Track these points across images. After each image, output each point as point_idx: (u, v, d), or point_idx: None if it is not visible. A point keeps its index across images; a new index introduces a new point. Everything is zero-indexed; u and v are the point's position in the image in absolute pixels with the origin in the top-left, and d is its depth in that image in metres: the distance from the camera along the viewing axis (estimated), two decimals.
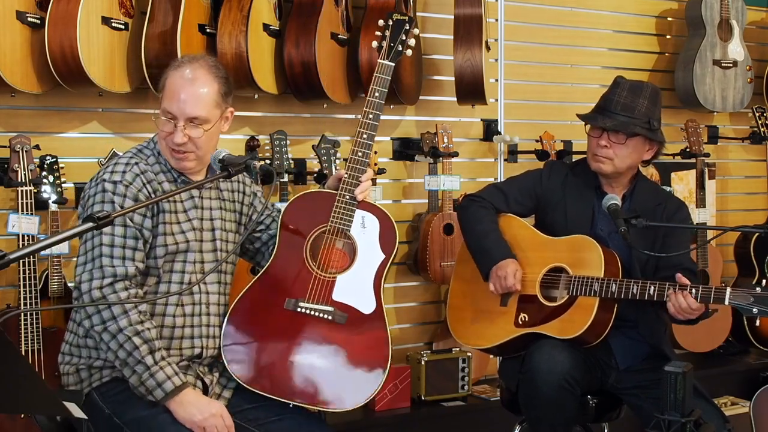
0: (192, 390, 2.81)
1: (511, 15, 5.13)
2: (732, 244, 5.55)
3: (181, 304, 2.90)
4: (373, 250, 3.10)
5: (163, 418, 2.77)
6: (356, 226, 3.08)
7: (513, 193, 3.63)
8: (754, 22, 5.85)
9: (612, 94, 3.48)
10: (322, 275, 3.06)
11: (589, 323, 3.31)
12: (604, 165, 3.48)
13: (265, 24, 4.09)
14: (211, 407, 2.80)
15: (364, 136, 3.17)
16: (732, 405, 5.08)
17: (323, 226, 3.08)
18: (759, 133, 5.53)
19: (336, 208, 3.07)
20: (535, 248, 3.53)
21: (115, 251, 2.78)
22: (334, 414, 4.33)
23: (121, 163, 2.88)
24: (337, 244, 3.08)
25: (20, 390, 2.10)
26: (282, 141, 4.19)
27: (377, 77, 3.21)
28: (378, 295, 3.08)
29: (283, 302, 3.04)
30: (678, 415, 2.88)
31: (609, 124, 3.43)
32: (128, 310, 2.75)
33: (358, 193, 3.07)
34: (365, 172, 3.11)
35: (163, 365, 2.77)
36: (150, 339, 2.77)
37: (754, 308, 3.12)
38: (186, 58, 2.95)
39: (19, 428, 3.64)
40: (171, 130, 2.86)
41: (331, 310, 3.03)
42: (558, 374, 3.25)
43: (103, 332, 2.74)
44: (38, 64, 3.66)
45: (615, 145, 3.44)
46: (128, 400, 2.80)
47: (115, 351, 2.75)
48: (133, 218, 2.81)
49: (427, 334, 4.92)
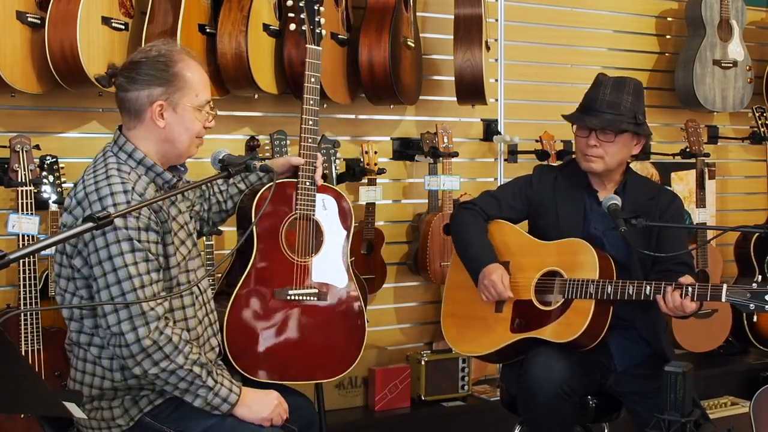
0: (247, 390, 2.82)
1: (511, 15, 5.13)
2: (732, 244, 5.54)
3: (195, 313, 2.86)
4: (336, 229, 3.36)
5: (231, 421, 2.77)
6: (319, 209, 3.30)
7: (506, 198, 3.63)
8: (754, 22, 5.85)
9: (596, 93, 3.47)
10: (300, 261, 3.27)
11: (585, 326, 3.31)
12: (595, 164, 3.48)
13: (265, 24, 4.09)
14: (270, 399, 2.84)
15: (310, 122, 3.34)
16: (732, 405, 5.08)
17: (292, 214, 3.26)
18: (759, 133, 5.52)
19: (300, 196, 3.26)
20: (528, 253, 3.53)
21: (146, 291, 2.67)
22: (334, 414, 4.35)
23: (118, 191, 2.68)
24: (306, 229, 3.28)
25: (20, 390, 2.10)
26: (282, 141, 4.19)
27: (310, 63, 3.42)
28: (347, 268, 3.38)
29: (273, 293, 3.24)
30: (678, 415, 2.88)
31: (597, 123, 3.43)
32: (177, 344, 2.69)
33: (317, 178, 3.27)
34: (317, 157, 3.29)
35: (221, 380, 2.76)
36: (204, 363, 2.73)
37: (750, 304, 3.12)
38: (181, 49, 2.86)
39: (19, 428, 3.64)
40: (209, 120, 2.85)
41: (315, 291, 3.29)
42: (554, 383, 3.24)
43: (161, 373, 2.67)
44: (38, 64, 3.66)
45: (604, 143, 3.44)
46: (188, 415, 2.77)
47: (175, 384, 2.70)
48: (151, 249, 2.70)
49: (427, 334, 4.92)
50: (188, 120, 2.79)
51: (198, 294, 2.89)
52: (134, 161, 2.78)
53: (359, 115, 4.71)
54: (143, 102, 2.76)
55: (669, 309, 3.25)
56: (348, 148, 4.60)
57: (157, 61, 2.77)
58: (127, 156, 2.78)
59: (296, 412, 3.05)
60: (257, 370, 3.15)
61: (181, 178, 2.91)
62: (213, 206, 3.23)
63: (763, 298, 3.10)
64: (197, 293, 2.88)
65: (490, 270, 3.45)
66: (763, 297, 3.10)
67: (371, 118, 4.74)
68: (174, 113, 2.78)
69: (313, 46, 3.44)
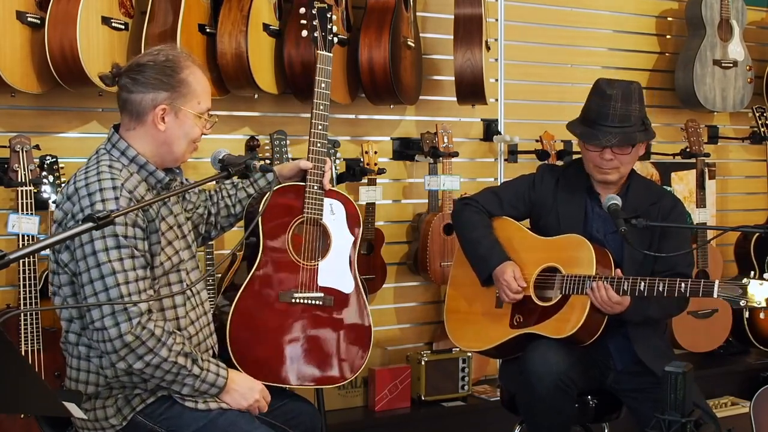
0: (233, 375, 2.85)
1: (511, 15, 5.13)
2: (732, 244, 5.54)
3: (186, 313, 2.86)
4: (343, 234, 3.34)
5: (223, 420, 2.78)
6: (326, 213, 3.29)
7: (508, 197, 3.64)
8: (754, 22, 5.85)
9: (606, 107, 3.42)
10: (307, 264, 3.25)
11: (582, 322, 3.32)
12: (611, 176, 3.48)
13: (265, 24, 4.09)
14: (252, 391, 2.86)
15: (319, 126, 3.34)
16: (732, 405, 5.08)
17: (299, 218, 3.24)
18: (759, 133, 5.52)
19: (307, 200, 3.26)
20: (528, 249, 3.53)
21: (131, 287, 2.67)
22: (335, 414, 4.35)
23: (107, 188, 2.68)
24: (313, 233, 3.27)
25: (20, 390, 2.10)
26: (282, 141, 4.19)
27: (321, 69, 3.41)
28: (354, 274, 3.35)
29: (278, 296, 3.22)
30: (678, 415, 2.87)
31: (615, 141, 3.40)
32: (160, 337, 2.68)
33: (325, 183, 3.26)
34: (326, 162, 3.29)
35: (207, 366, 2.77)
36: (189, 352, 2.74)
37: (741, 300, 3.15)
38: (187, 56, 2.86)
39: (19, 428, 3.64)
40: (207, 127, 2.86)
41: (321, 295, 3.26)
42: (554, 374, 3.26)
43: (146, 368, 2.67)
44: (38, 64, 3.66)
45: (620, 155, 3.44)
46: (181, 415, 2.77)
47: (161, 377, 2.71)
48: (137, 246, 2.70)
49: (427, 334, 4.92)
50: (188, 126, 2.81)
51: (191, 295, 2.90)
52: (126, 158, 2.79)
53: (359, 115, 4.71)
54: (147, 105, 2.77)
55: (598, 303, 3.28)
56: (348, 148, 4.60)
57: (164, 66, 2.78)
58: (119, 153, 2.79)
59: (298, 417, 3.05)
60: (260, 372, 3.11)
61: (175, 179, 2.91)
62: (221, 210, 3.23)
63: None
64: (190, 294, 2.89)
65: (503, 269, 3.46)
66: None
67: (371, 118, 4.74)
68: (175, 118, 2.79)
69: (325, 52, 3.43)
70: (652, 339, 3.49)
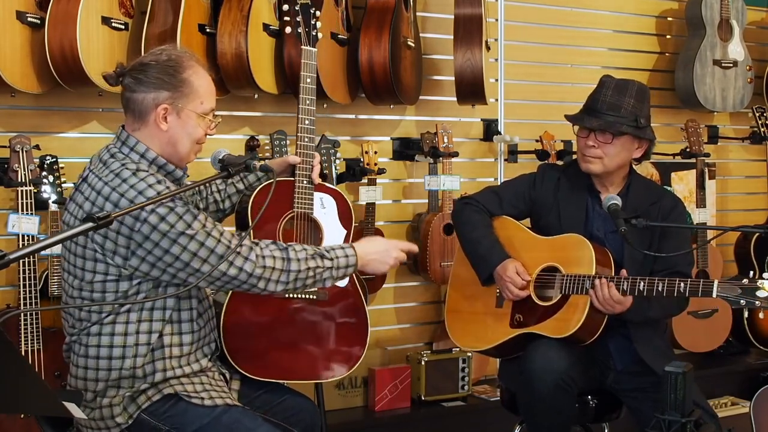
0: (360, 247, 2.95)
1: (511, 15, 5.13)
2: (732, 244, 5.54)
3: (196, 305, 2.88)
4: (336, 228, 3.35)
5: (227, 418, 2.77)
6: (317, 207, 3.31)
7: (508, 196, 3.64)
8: (754, 22, 5.85)
9: (598, 94, 3.47)
10: None
11: (581, 321, 3.32)
12: (593, 165, 3.48)
13: (265, 24, 4.09)
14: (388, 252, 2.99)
15: (306, 122, 3.36)
16: (732, 405, 5.08)
17: (289, 212, 3.26)
18: (759, 133, 5.52)
19: (297, 194, 3.27)
20: (528, 249, 3.54)
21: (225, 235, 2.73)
22: (335, 414, 4.35)
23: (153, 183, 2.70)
24: (304, 227, 3.29)
25: (20, 390, 2.10)
26: (282, 141, 4.19)
27: (305, 64, 3.41)
28: None
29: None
30: (678, 415, 2.88)
31: (595, 124, 3.43)
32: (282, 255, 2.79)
33: (315, 177, 3.28)
34: (314, 156, 3.31)
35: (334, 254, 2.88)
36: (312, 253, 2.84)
37: (741, 300, 3.14)
38: (191, 56, 2.87)
39: (19, 428, 3.64)
40: (211, 127, 2.87)
41: (315, 290, 3.22)
42: (554, 373, 3.26)
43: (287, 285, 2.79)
44: (38, 64, 3.66)
45: (602, 144, 3.44)
46: (185, 413, 2.77)
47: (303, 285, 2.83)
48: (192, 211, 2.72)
49: (427, 334, 4.92)
50: (191, 126, 2.81)
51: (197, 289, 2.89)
52: (147, 161, 2.79)
53: (359, 115, 4.71)
54: (148, 104, 2.78)
55: (599, 302, 3.27)
56: (348, 148, 4.60)
57: (167, 65, 2.79)
58: (139, 156, 2.79)
59: (298, 414, 3.05)
60: (255, 368, 3.11)
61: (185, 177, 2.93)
62: (210, 206, 3.24)
63: (754, 294, 3.12)
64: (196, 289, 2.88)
65: (504, 266, 3.46)
66: (753, 293, 3.12)
67: (371, 118, 4.74)
68: (177, 118, 2.79)
69: (308, 47, 3.45)
70: (653, 339, 3.49)
